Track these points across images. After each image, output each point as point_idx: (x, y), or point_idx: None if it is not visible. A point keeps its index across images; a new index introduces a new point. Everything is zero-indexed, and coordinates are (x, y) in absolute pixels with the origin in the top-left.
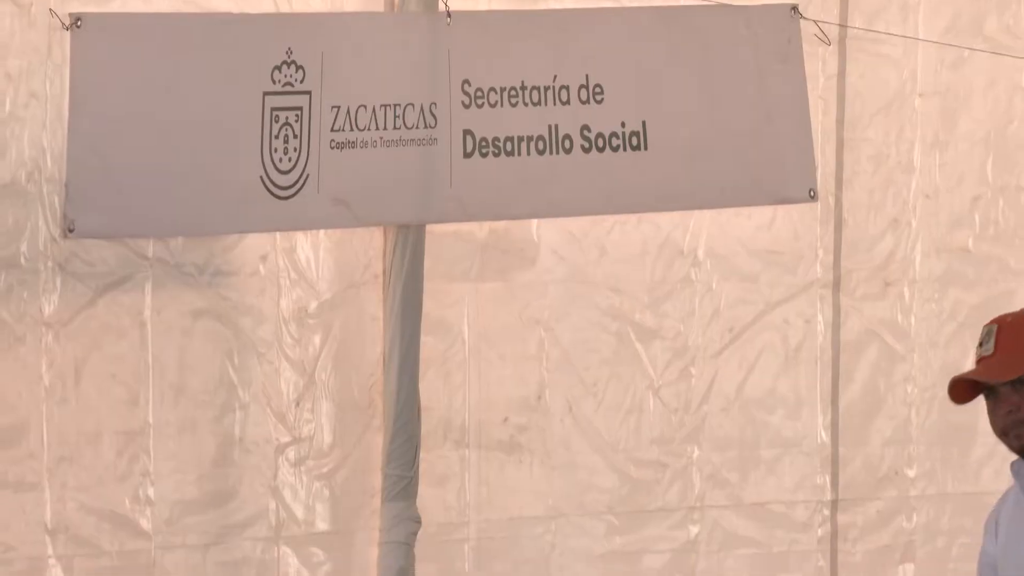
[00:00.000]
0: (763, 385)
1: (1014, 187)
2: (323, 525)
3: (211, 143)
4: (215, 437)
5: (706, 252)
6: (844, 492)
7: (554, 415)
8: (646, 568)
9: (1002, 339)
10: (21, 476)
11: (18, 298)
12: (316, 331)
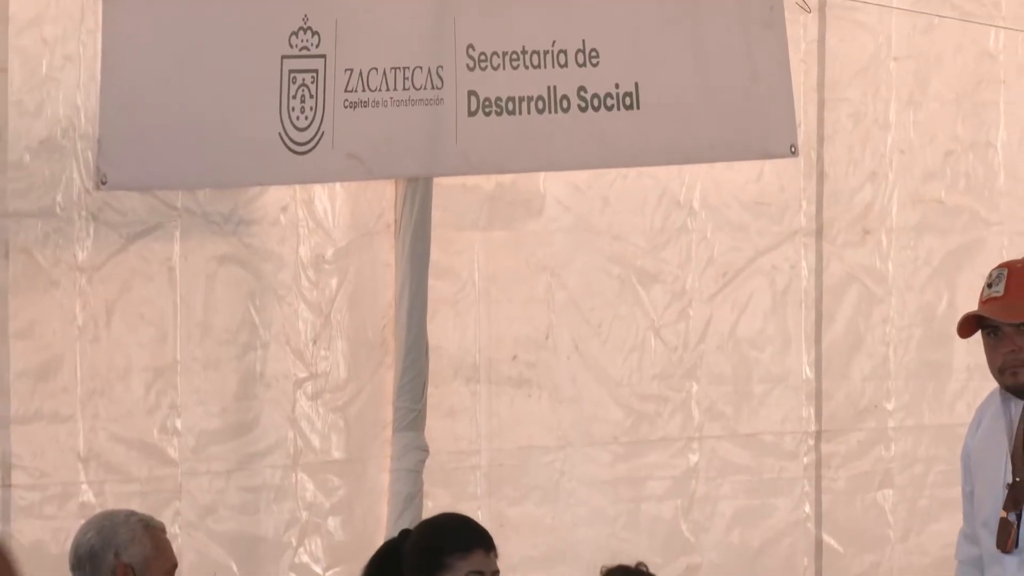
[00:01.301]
0: (753, 325)
1: (983, 143)
2: (338, 454)
3: (233, 103)
4: (237, 373)
5: (701, 203)
6: (827, 424)
7: (561, 353)
8: (649, 493)
9: (1012, 283)
10: (56, 408)
11: (54, 245)
12: (332, 276)
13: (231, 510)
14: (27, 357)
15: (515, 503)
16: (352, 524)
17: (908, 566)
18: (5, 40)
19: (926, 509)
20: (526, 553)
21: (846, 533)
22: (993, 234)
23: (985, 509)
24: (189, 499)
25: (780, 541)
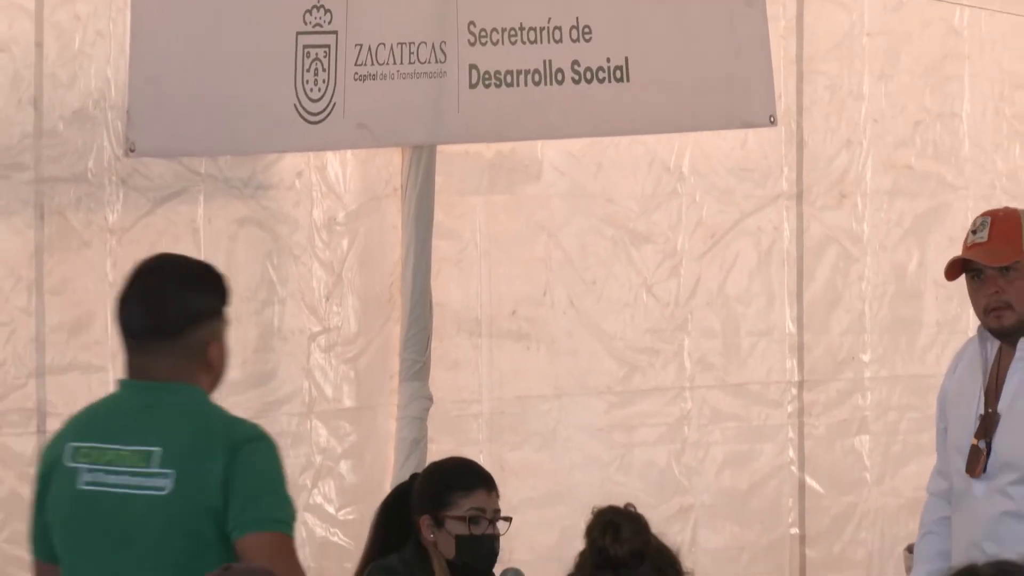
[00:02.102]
0: (740, 283)
1: (949, 114)
2: (349, 402)
3: (252, 76)
4: (257, 327)
5: (689, 169)
6: (809, 374)
7: (558, 308)
8: (641, 439)
9: (995, 230)
10: (88, 360)
11: (86, 208)
12: (343, 237)
13: None
14: (61, 312)
15: (514, 448)
16: (362, 468)
17: (883, 506)
18: (41, 17)
19: (899, 453)
20: (525, 495)
21: (826, 476)
22: (959, 198)
23: (958, 438)
24: None
25: (766, 483)
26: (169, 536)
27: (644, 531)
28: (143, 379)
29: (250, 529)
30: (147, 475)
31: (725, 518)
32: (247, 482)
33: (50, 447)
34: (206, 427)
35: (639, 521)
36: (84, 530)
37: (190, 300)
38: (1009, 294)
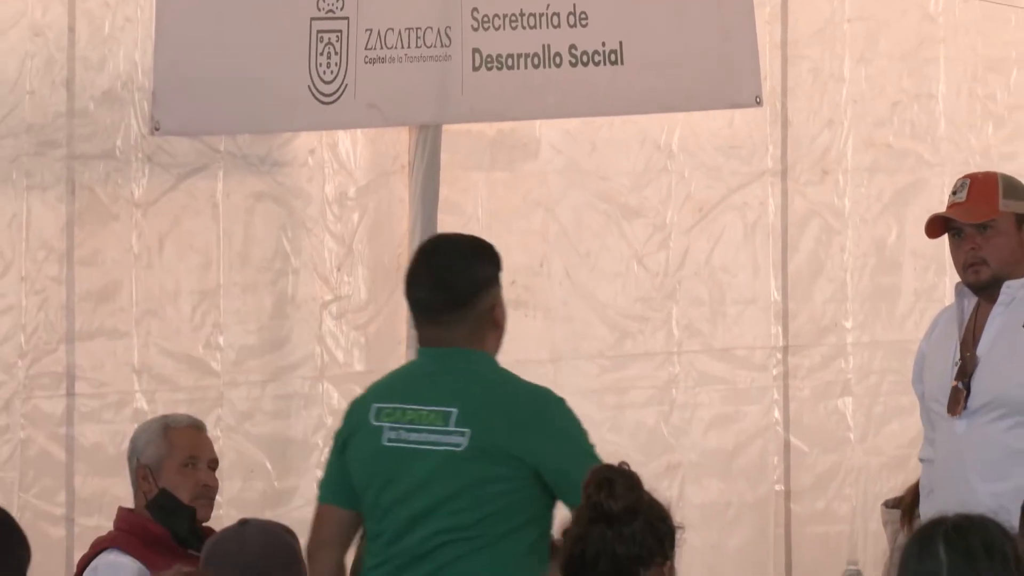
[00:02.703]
0: (727, 254)
1: (925, 95)
2: (359, 366)
3: (269, 59)
4: (272, 296)
5: (679, 147)
6: (793, 340)
7: (554, 278)
8: (632, 401)
9: (974, 191)
10: (114, 326)
11: (114, 183)
12: (354, 211)
13: (266, 415)
14: (90, 281)
15: None
16: None
17: (866, 464)
18: (73, 3)
19: (881, 414)
20: None
21: (811, 436)
22: (935, 174)
23: (938, 386)
24: (229, 406)
25: (752, 443)
26: (464, 489)
27: (637, 487)
28: (436, 346)
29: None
30: (444, 433)
31: (711, 475)
32: (559, 450)
33: (356, 407)
34: (500, 388)
35: (632, 478)
36: (387, 482)
37: (474, 272)
38: (985, 251)
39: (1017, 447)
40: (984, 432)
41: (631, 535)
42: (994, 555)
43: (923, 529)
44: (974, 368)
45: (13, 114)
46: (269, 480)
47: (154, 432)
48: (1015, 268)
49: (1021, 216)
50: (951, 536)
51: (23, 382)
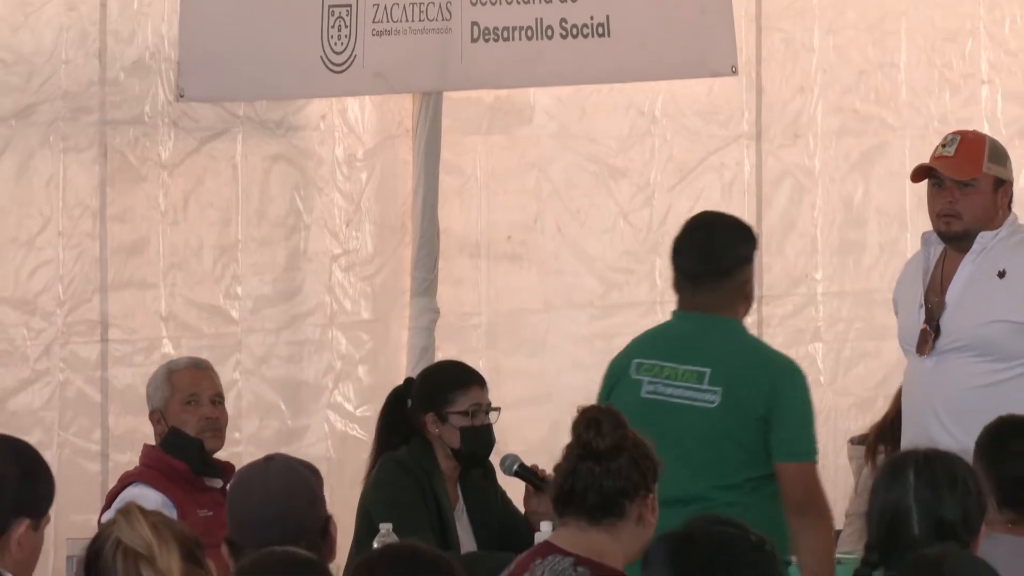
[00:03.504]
0: None
1: (888, 64)
2: (366, 315)
3: (285, 31)
4: (286, 250)
5: (661, 112)
6: (768, 290)
7: (547, 234)
8: (619, 346)
9: (962, 148)
10: (143, 278)
11: (142, 146)
12: (362, 171)
13: (280, 360)
14: (120, 237)
15: (509, 355)
16: (377, 372)
17: (835, 405)
18: None
19: (848, 359)
20: (519, 395)
21: None
22: (897, 137)
23: (908, 329)
24: (247, 351)
25: None
26: (715, 442)
27: (622, 427)
28: (694, 311)
29: (788, 459)
30: (699, 390)
31: None
32: (787, 412)
33: (618, 360)
34: (750, 353)
35: (618, 418)
36: (644, 432)
37: (736, 248)
38: (962, 205)
39: (981, 383)
40: (951, 370)
41: (617, 470)
42: (957, 486)
43: (894, 460)
44: (942, 311)
45: (50, 83)
46: (283, 419)
47: (160, 378)
48: (987, 224)
49: (1000, 180)
50: (920, 467)
51: (61, 329)
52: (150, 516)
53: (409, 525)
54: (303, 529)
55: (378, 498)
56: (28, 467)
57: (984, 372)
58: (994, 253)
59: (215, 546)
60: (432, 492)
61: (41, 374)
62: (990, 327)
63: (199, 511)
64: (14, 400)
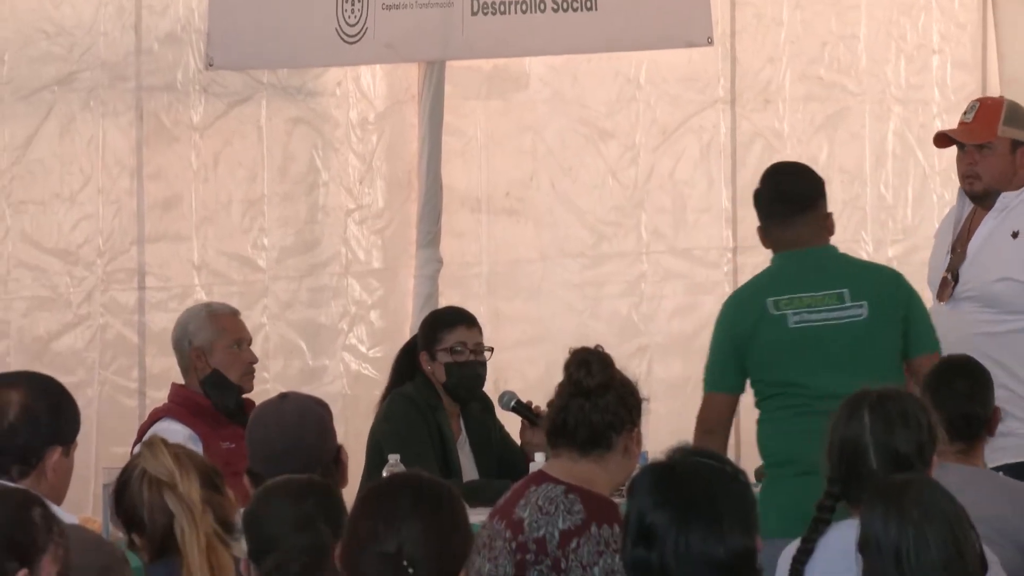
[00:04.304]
0: (686, 170)
1: (850, 36)
2: (377, 264)
3: (304, 6)
4: (306, 204)
5: (645, 79)
6: (741, 242)
7: (542, 190)
8: (608, 293)
9: (980, 114)
10: (177, 231)
11: (175, 110)
12: (373, 133)
13: (302, 305)
14: (156, 193)
15: (508, 301)
16: (387, 316)
17: None
18: None
19: None
20: (516, 338)
21: None
22: (857, 103)
23: (933, 276)
24: (273, 297)
25: (708, 328)
26: (871, 350)
27: (610, 367)
28: (795, 248)
29: (928, 349)
30: (843, 308)
31: (674, 355)
32: (919, 311)
33: (744, 305)
34: (870, 268)
35: (606, 358)
36: (800, 357)
37: (813, 183)
38: (981, 167)
39: (986, 331)
40: (962, 316)
41: (605, 406)
42: (909, 422)
43: (851, 399)
44: (962, 262)
45: (90, 53)
46: (305, 360)
47: (202, 319)
48: (1007, 184)
49: (1017, 142)
50: (873, 406)
51: (101, 277)
52: (172, 448)
53: (415, 455)
54: (316, 459)
55: (387, 431)
56: (56, 400)
57: (989, 322)
58: (1015, 213)
59: (237, 475)
60: (436, 425)
61: (83, 318)
62: (998, 283)
63: (222, 444)
64: (58, 342)
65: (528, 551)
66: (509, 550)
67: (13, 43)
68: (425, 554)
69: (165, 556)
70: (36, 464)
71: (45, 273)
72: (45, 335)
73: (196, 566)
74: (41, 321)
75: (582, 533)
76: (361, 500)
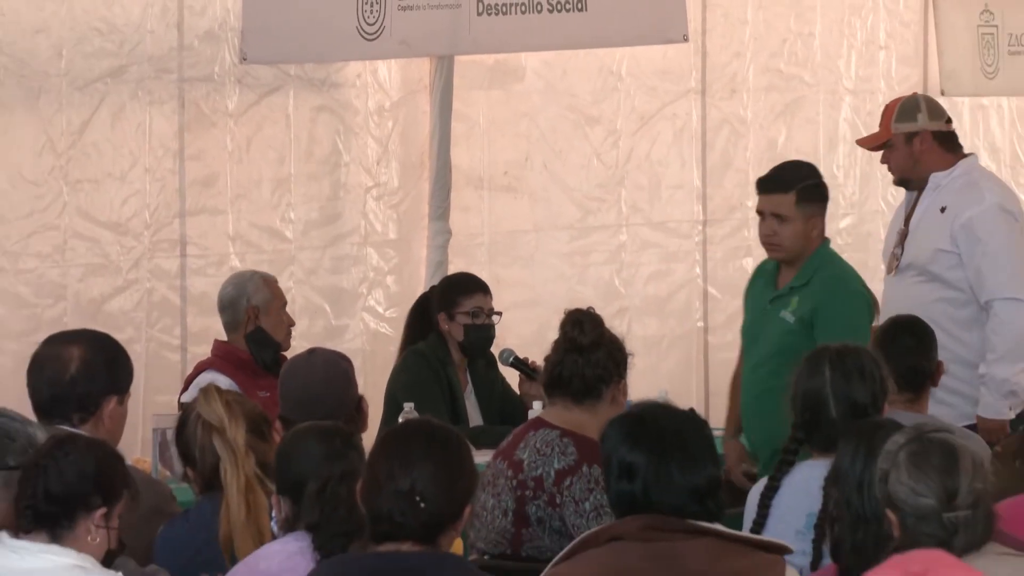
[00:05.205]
0: (662, 152)
1: (806, 33)
2: (392, 235)
3: (328, 7)
4: (330, 182)
5: (626, 72)
6: (710, 215)
7: (535, 170)
8: (593, 261)
9: (881, 119)
10: (215, 205)
11: (213, 99)
12: (389, 119)
13: (325, 271)
14: (196, 172)
15: (506, 267)
16: (402, 281)
17: None
18: None
19: None
20: (513, 300)
21: (723, 286)
22: (812, 92)
23: (886, 253)
24: (299, 264)
25: (680, 292)
26: None
27: (600, 326)
28: None
29: None
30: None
31: (651, 316)
32: None
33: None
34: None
35: (597, 319)
36: None
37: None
38: (892, 162)
39: (925, 299)
40: (905, 287)
41: (596, 360)
42: (865, 376)
43: (812, 354)
44: (905, 238)
45: (138, 48)
46: (328, 319)
47: (258, 282)
48: (916, 171)
49: (911, 134)
50: (833, 361)
51: (148, 246)
52: (226, 395)
53: (427, 404)
54: (340, 406)
55: (403, 382)
56: (112, 355)
57: (926, 291)
58: (944, 190)
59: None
60: (446, 377)
61: (131, 283)
62: (931, 254)
63: (259, 393)
64: (109, 304)
65: (527, 488)
66: (511, 487)
67: (70, 40)
68: (435, 491)
69: (211, 491)
70: (95, 411)
71: (98, 243)
72: (98, 298)
73: (235, 503)
74: (95, 285)
75: (575, 472)
76: (379, 443)
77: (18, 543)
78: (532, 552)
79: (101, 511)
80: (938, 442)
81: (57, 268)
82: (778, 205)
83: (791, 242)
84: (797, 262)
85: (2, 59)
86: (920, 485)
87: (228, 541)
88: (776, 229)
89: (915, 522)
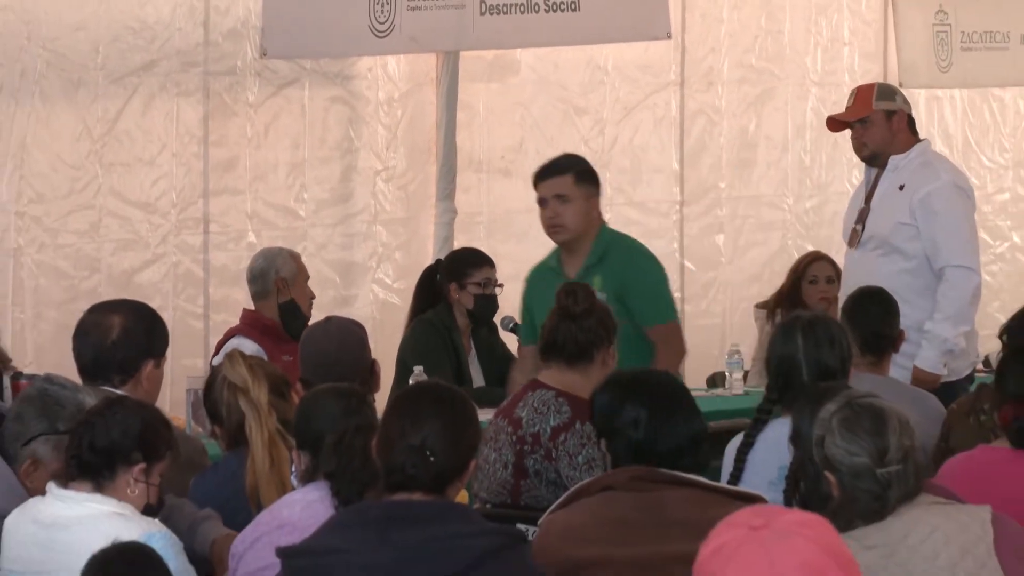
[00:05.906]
0: (643, 139)
1: (776, 31)
2: (401, 214)
3: (343, 6)
4: (341, 166)
5: (612, 66)
6: (687, 197)
7: (530, 154)
8: None
9: (857, 97)
10: (235, 186)
11: (235, 91)
12: (399, 109)
13: (337, 247)
14: (218, 157)
15: (502, 243)
16: (410, 256)
17: (733, 278)
18: None
19: (743, 246)
20: (510, 273)
21: (698, 260)
22: (782, 85)
23: (846, 228)
24: (312, 240)
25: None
26: None
27: (592, 296)
28: None
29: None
30: None
31: None
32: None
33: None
34: None
35: (589, 289)
36: None
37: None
38: (865, 137)
39: (886, 271)
40: (867, 260)
41: (588, 327)
42: (834, 344)
43: (785, 323)
44: (867, 215)
45: (167, 44)
46: (339, 290)
47: (286, 257)
48: (890, 147)
49: (890, 111)
50: (805, 328)
51: (174, 223)
52: (249, 359)
53: (435, 367)
54: (354, 369)
55: (412, 348)
56: (149, 323)
57: (887, 263)
58: (902, 171)
59: (292, 383)
60: (452, 343)
61: (159, 256)
62: (891, 227)
63: (283, 357)
64: (139, 276)
65: (526, 443)
66: (511, 442)
67: (106, 37)
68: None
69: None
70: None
71: (129, 221)
72: (129, 270)
73: (260, 456)
74: (126, 259)
75: (569, 429)
76: (392, 403)
77: (65, 492)
78: (530, 501)
79: (140, 466)
80: (866, 406)
81: (92, 243)
82: (559, 186)
83: (574, 221)
84: (582, 246)
85: (45, 54)
86: (853, 446)
87: (254, 491)
88: (559, 211)
89: (852, 480)
